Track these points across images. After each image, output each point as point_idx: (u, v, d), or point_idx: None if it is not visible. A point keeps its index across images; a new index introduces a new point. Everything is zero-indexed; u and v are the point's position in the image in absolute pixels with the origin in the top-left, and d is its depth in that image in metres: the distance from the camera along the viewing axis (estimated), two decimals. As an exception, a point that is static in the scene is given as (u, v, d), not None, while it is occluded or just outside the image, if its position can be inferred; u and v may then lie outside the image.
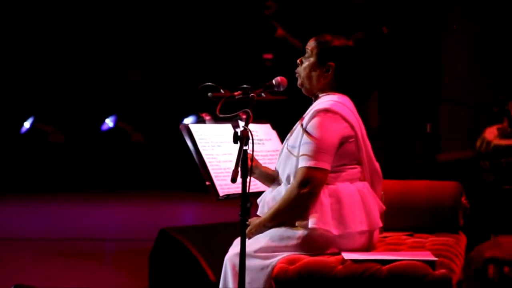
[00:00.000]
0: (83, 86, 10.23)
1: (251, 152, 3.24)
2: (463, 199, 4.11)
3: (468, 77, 9.17)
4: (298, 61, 3.61)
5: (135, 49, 10.43)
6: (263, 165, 3.74)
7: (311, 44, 3.59)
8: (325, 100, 3.50)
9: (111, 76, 10.37)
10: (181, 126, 3.84)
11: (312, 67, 3.55)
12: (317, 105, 3.50)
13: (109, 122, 10.18)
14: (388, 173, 3.92)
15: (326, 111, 3.42)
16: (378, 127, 8.02)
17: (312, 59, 3.55)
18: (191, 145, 3.80)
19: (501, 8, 9.08)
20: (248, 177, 3.21)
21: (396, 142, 8.26)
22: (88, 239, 6.93)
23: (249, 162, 3.22)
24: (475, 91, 8.97)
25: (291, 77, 3.62)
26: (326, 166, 3.38)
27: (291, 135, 3.55)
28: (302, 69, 3.58)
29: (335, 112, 3.42)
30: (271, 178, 3.62)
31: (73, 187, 9.54)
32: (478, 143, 6.85)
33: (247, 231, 3.39)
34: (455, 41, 8.69)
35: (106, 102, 10.21)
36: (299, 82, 3.60)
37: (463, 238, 4.01)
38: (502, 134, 6.65)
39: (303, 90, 3.61)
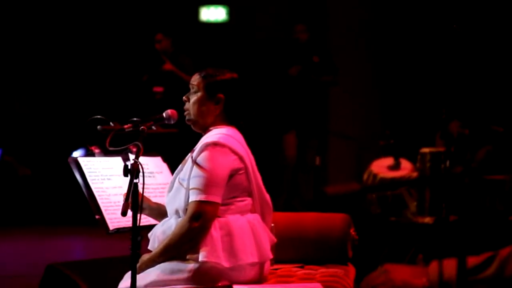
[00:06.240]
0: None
1: (141, 185, 3.21)
2: (352, 231, 4.18)
3: (354, 111, 9.38)
4: (184, 98, 3.61)
5: (21, 79, 10.21)
6: (154, 197, 3.72)
7: (196, 79, 3.58)
8: (213, 134, 3.51)
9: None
10: (69, 159, 3.78)
11: (201, 102, 3.55)
12: (206, 138, 3.50)
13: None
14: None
15: (214, 144, 3.43)
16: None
17: (200, 94, 3.55)
18: (80, 178, 3.75)
19: (388, 45, 9.35)
20: (139, 211, 3.18)
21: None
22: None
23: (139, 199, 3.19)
24: (361, 125, 9.18)
25: (182, 110, 3.62)
26: (217, 199, 3.38)
27: (182, 167, 3.54)
28: (191, 106, 3.57)
29: (223, 145, 3.43)
30: (163, 214, 3.59)
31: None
32: (365, 176, 6.98)
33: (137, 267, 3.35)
34: (341, 77, 8.88)
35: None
36: (188, 119, 3.59)
37: (351, 269, 4.07)
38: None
39: (194, 126, 3.60)
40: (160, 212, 3.64)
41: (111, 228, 3.67)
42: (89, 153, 3.90)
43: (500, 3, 8.32)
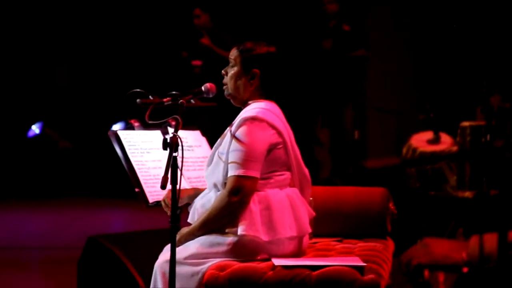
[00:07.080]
0: (8, 91, 10.04)
1: (180, 158, 3.22)
2: (391, 205, 4.16)
3: (394, 84, 9.31)
4: (223, 72, 3.61)
5: (61, 53, 10.28)
6: (193, 171, 3.74)
7: (233, 53, 3.58)
8: (251, 108, 3.51)
9: (37, 81, 10.20)
10: (109, 133, 3.81)
11: (237, 76, 3.55)
12: (244, 113, 3.50)
13: (35, 129, 10.01)
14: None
15: (252, 119, 3.43)
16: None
17: (236, 68, 3.55)
18: (119, 151, 3.77)
19: (423, 18, 9.25)
20: (178, 184, 3.19)
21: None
22: (13, 247, 6.80)
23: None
24: (401, 99, 9.11)
25: (220, 84, 3.62)
26: (256, 174, 3.39)
27: (221, 141, 3.55)
28: (228, 80, 3.58)
29: (261, 120, 3.43)
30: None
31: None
32: (404, 150, 6.94)
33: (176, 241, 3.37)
34: (379, 50, 8.81)
35: (32, 108, 10.04)
36: (227, 93, 3.59)
37: (390, 244, 4.06)
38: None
39: (233, 101, 3.61)
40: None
41: (150, 201, 3.70)
42: (128, 127, 3.93)
43: None
